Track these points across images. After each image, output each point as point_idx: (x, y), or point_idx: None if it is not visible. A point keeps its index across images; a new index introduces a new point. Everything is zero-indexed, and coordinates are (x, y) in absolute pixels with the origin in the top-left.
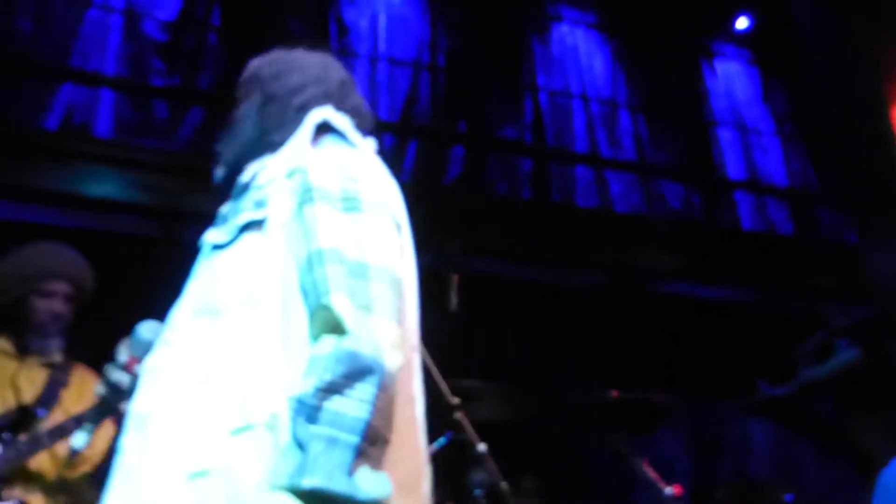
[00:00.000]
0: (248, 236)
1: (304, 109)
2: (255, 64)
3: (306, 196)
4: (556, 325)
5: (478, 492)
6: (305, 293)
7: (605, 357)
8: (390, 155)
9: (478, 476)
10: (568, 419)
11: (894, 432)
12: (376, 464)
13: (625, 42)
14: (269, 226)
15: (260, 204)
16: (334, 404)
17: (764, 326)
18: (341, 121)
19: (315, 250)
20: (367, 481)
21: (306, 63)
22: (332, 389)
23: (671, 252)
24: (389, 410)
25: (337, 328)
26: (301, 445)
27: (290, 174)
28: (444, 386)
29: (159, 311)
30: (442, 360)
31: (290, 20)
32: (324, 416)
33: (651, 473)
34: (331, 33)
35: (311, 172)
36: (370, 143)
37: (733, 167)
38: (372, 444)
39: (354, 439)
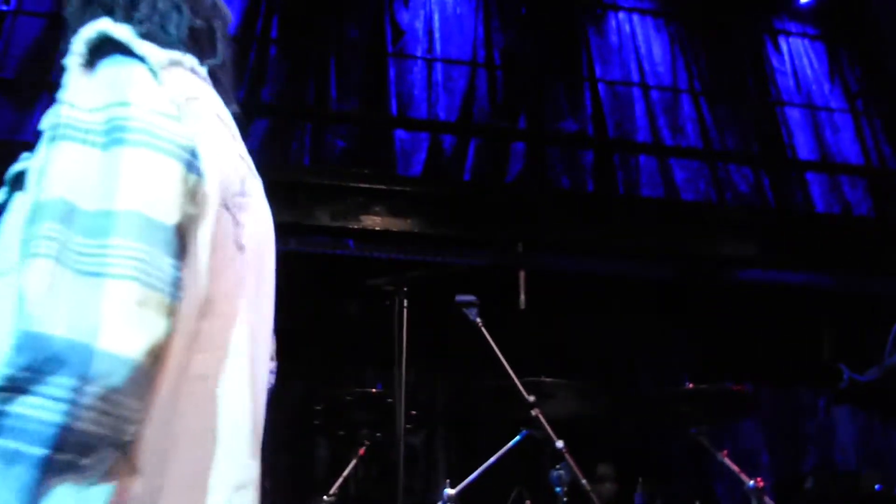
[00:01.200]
0: (18, 195)
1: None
2: None
3: (50, 135)
4: (630, 319)
5: (559, 490)
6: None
7: (681, 349)
8: (451, 155)
9: (558, 473)
10: (645, 413)
11: None
12: (97, 475)
13: (683, 26)
14: (26, 181)
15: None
16: (16, 407)
17: (845, 310)
18: (122, 31)
19: (35, 204)
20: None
21: None
22: (12, 388)
23: (743, 238)
24: (124, 406)
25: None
26: None
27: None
28: (518, 384)
29: None
30: (515, 359)
31: (347, 27)
32: (5, 423)
33: (732, 466)
34: (387, 37)
35: (64, 104)
36: (188, 59)
37: (803, 147)
38: (82, 453)
39: (39, 451)
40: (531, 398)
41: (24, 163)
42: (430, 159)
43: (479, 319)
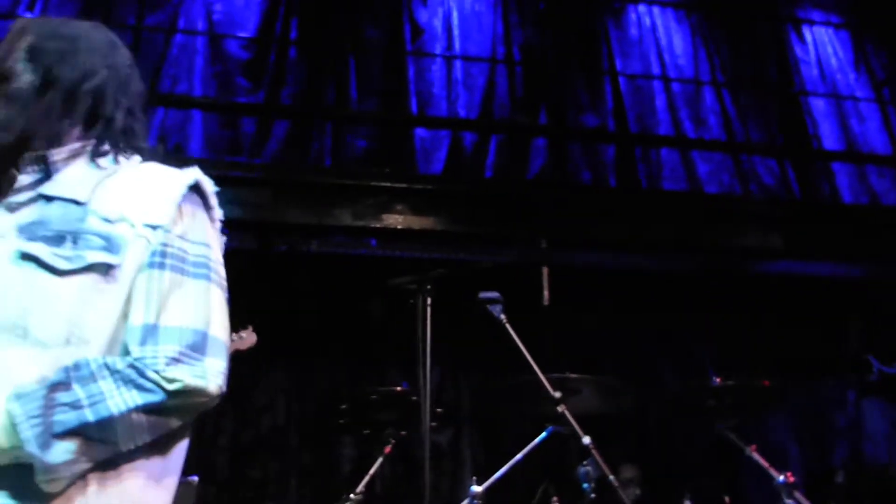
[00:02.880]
0: (93, 275)
1: (93, 99)
2: (35, 29)
3: (161, 259)
4: (654, 315)
5: (586, 486)
6: (126, 352)
7: (707, 344)
8: (472, 152)
9: (585, 469)
10: (672, 409)
11: None
12: None
13: (704, 17)
14: (118, 276)
15: (114, 247)
16: None
17: (873, 302)
18: (210, 185)
19: (153, 325)
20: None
21: (93, 42)
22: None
23: (768, 230)
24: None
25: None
26: None
27: (153, 227)
28: (544, 380)
29: (262, 319)
30: (539, 356)
31: (366, 27)
32: None
33: (762, 461)
34: (405, 36)
35: (173, 236)
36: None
37: (829, 137)
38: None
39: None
40: (557, 394)
41: (109, 255)
42: (451, 157)
43: (503, 316)
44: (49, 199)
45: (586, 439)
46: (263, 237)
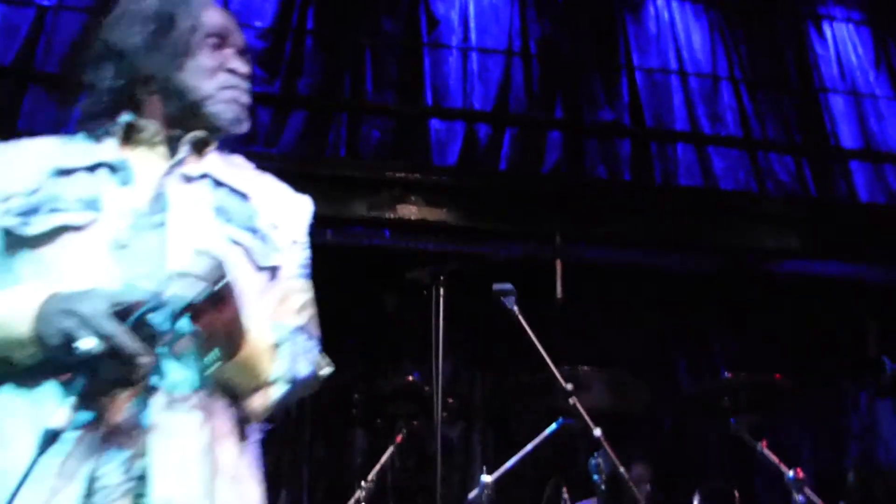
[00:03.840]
0: (267, 275)
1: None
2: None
3: (305, 271)
4: (668, 311)
5: (596, 477)
6: None
7: (721, 342)
8: (487, 145)
9: (595, 462)
10: (685, 406)
11: None
12: None
13: (723, 12)
14: (279, 279)
15: (279, 253)
16: None
17: (888, 302)
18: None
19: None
20: None
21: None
22: None
23: (784, 229)
24: None
25: None
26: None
27: (296, 242)
28: (556, 371)
29: None
30: (552, 349)
31: (382, 19)
32: None
33: (772, 457)
34: (422, 28)
35: (306, 251)
36: None
37: (847, 136)
38: None
39: None
40: (569, 386)
41: (276, 258)
42: (466, 149)
43: (515, 308)
44: (218, 183)
45: (597, 431)
46: None
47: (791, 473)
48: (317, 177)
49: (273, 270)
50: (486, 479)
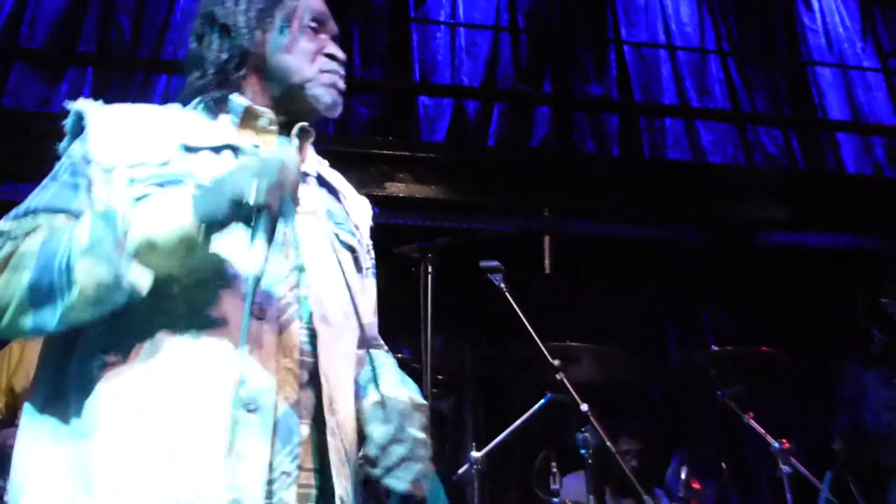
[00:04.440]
0: (363, 276)
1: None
2: None
3: (375, 270)
4: (657, 285)
5: (584, 451)
6: None
7: (711, 314)
8: (475, 121)
9: (583, 436)
10: (675, 379)
11: None
12: None
13: None
14: (368, 278)
15: (367, 253)
16: None
17: (877, 273)
18: None
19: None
20: None
21: None
22: None
23: (772, 201)
24: None
25: None
26: None
27: (369, 244)
28: (543, 348)
29: None
30: (540, 323)
31: None
32: None
33: (758, 428)
34: (409, 3)
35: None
36: None
37: (834, 108)
38: None
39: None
40: (556, 362)
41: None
42: (454, 125)
43: (503, 285)
44: (321, 181)
45: (584, 406)
46: None
47: (777, 444)
48: None
49: (366, 271)
50: (475, 454)
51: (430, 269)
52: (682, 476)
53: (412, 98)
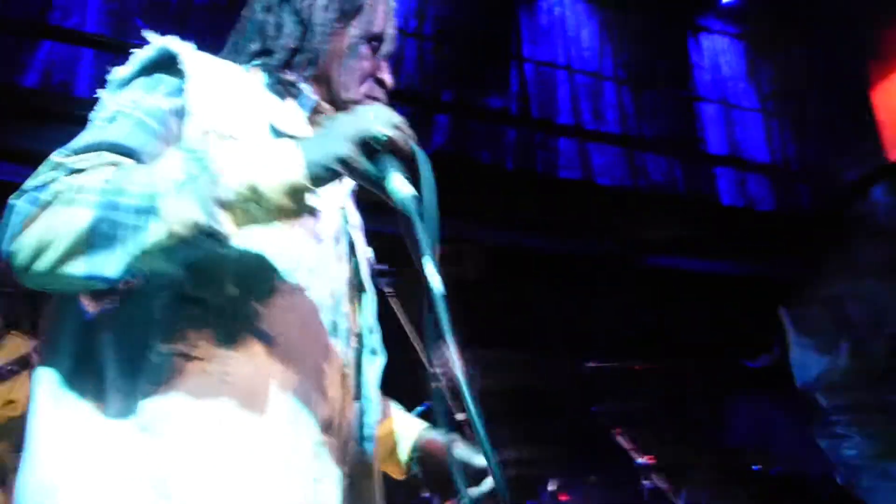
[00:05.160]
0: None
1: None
2: None
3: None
4: (541, 295)
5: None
6: None
7: (595, 327)
8: None
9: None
10: (559, 388)
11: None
12: None
13: (613, 14)
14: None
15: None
16: None
17: (747, 299)
18: None
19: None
20: None
21: None
22: None
23: (653, 224)
24: None
25: None
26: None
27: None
28: (423, 355)
29: None
30: (427, 330)
31: None
32: None
33: (625, 443)
34: None
35: None
36: None
37: (715, 142)
38: None
39: None
40: (435, 370)
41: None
42: None
43: (389, 290)
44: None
45: (460, 416)
46: None
47: (641, 459)
48: None
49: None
50: None
51: None
52: (551, 488)
53: None
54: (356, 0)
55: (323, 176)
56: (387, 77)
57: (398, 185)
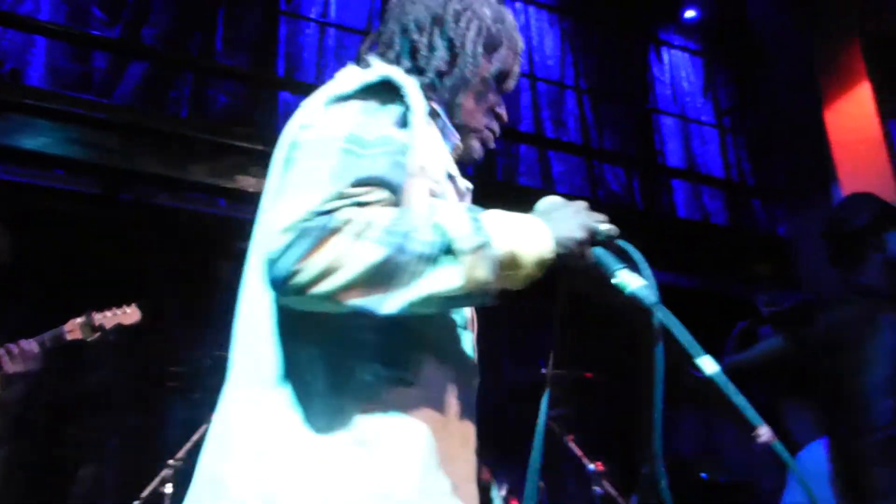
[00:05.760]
0: None
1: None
2: None
3: None
4: (499, 303)
5: None
6: None
7: (545, 336)
8: None
9: None
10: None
11: (812, 417)
12: None
13: (576, 24)
14: None
15: None
16: None
17: (699, 312)
18: None
19: None
20: None
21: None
22: None
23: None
24: None
25: None
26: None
27: None
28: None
29: (94, 263)
30: None
31: None
32: None
33: (576, 450)
34: None
35: None
36: None
37: (673, 155)
38: None
39: None
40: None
41: None
42: None
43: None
44: None
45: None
46: (108, 183)
47: (591, 466)
48: (155, 134)
49: None
50: None
51: None
52: (503, 493)
53: (274, 93)
54: (498, 37)
55: (565, 254)
56: (503, 113)
57: (627, 279)
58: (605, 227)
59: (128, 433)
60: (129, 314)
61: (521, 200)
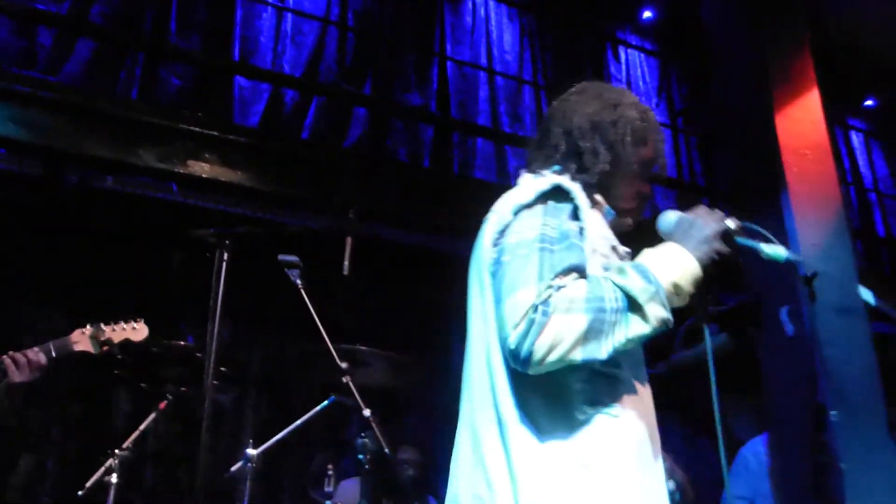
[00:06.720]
0: None
1: None
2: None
3: None
4: (447, 294)
5: (361, 457)
6: None
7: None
8: (292, 111)
9: (362, 441)
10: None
11: (755, 414)
12: None
13: (535, 19)
14: None
15: None
16: None
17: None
18: None
19: None
20: None
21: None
22: None
23: None
24: None
25: None
26: None
27: None
28: (332, 349)
29: (37, 249)
30: (333, 324)
31: None
32: None
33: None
34: None
35: None
36: None
37: None
38: None
39: None
40: (344, 365)
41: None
42: (269, 112)
43: (299, 281)
44: None
45: (367, 412)
46: (53, 165)
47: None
48: (103, 115)
49: None
50: (251, 451)
51: (226, 256)
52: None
53: (229, 77)
54: (645, 133)
55: (708, 266)
56: (649, 193)
57: (770, 249)
58: (730, 221)
59: (70, 423)
60: (138, 330)
61: (477, 194)
